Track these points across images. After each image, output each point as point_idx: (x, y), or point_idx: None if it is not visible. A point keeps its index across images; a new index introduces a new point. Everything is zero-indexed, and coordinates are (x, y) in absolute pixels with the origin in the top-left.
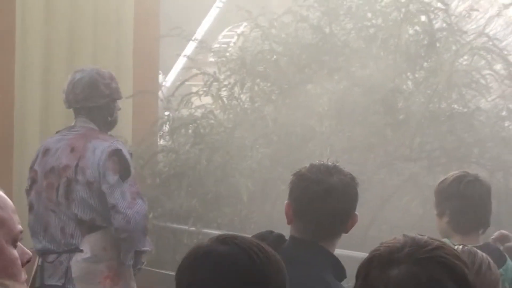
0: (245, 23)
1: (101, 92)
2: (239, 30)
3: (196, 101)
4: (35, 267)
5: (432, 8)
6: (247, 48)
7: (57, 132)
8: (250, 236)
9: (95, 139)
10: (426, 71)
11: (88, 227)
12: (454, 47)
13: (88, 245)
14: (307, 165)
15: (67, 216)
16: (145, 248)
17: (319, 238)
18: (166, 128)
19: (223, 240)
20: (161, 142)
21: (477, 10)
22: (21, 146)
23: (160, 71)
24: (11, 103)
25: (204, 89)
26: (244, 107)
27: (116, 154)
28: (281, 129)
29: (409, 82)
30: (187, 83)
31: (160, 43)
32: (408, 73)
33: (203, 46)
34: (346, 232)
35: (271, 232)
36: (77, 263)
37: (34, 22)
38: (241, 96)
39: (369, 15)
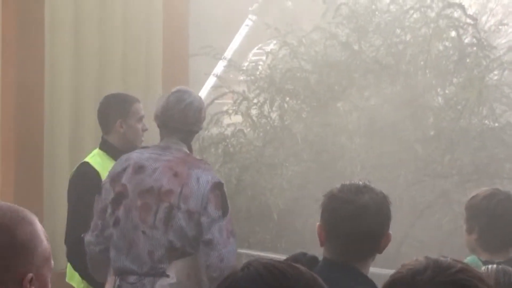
0: (274, 41)
1: (203, 118)
2: (268, 48)
3: (225, 120)
4: (113, 286)
5: (461, 24)
6: (276, 66)
7: (142, 148)
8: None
9: (197, 168)
10: (456, 86)
11: (177, 253)
12: (484, 62)
13: (175, 271)
14: (338, 185)
15: (159, 241)
16: None
17: (352, 259)
18: (196, 146)
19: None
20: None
21: (506, 24)
22: (51, 160)
23: None
24: (41, 123)
25: (234, 107)
26: (274, 125)
27: (219, 187)
28: (311, 147)
29: (439, 98)
30: (216, 101)
31: (189, 62)
32: (438, 89)
33: (233, 65)
34: (380, 252)
35: (305, 254)
36: (161, 287)
37: (63, 44)
38: (271, 114)
39: (398, 31)
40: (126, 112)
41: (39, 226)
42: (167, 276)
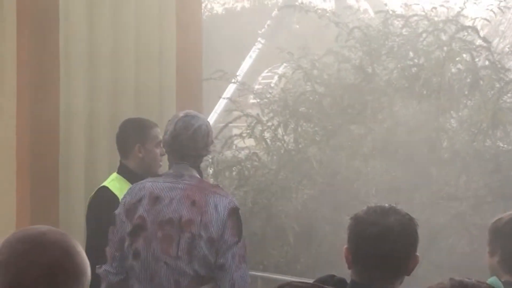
0: (284, 64)
1: (211, 142)
2: (279, 71)
3: (239, 143)
4: None
5: (474, 46)
6: (290, 89)
7: (155, 176)
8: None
9: (213, 194)
10: (470, 109)
11: (203, 280)
12: (497, 85)
13: None
14: (364, 208)
15: (184, 271)
16: None
17: (379, 281)
18: (210, 170)
19: None
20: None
21: None
22: (67, 192)
23: None
24: (56, 146)
25: (248, 131)
26: (288, 149)
27: (235, 213)
28: (325, 170)
29: (453, 121)
30: (230, 124)
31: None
32: (452, 112)
33: (246, 88)
34: (408, 274)
35: (333, 276)
36: None
37: (77, 68)
38: (285, 137)
39: (411, 54)
40: (145, 137)
41: None
42: None
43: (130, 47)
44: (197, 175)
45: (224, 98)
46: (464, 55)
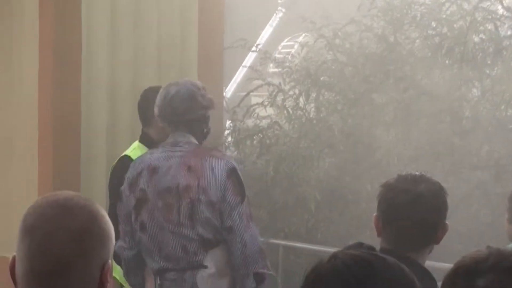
0: (304, 33)
1: (199, 104)
2: (299, 40)
3: (260, 112)
4: (154, 284)
5: (497, 16)
6: (311, 58)
7: (153, 149)
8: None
9: (209, 157)
10: (492, 79)
11: (211, 244)
12: None
13: (212, 261)
14: (395, 176)
15: (189, 236)
16: (262, 271)
17: (409, 249)
18: (231, 139)
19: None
20: (227, 153)
21: None
22: (88, 161)
23: None
24: (78, 119)
25: (269, 99)
26: (310, 117)
27: (234, 173)
28: (347, 139)
29: (475, 90)
30: (252, 94)
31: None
32: (474, 81)
33: (268, 57)
34: (437, 242)
35: (361, 244)
36: (202, 279)
37: (99, 39)
38: (306, 106)
39: (434, 24)
40: None
41: None
42: (205, 267)
43: (152, 18)
44: (195, 141)
45: (244, 67)
46: (487, 25)
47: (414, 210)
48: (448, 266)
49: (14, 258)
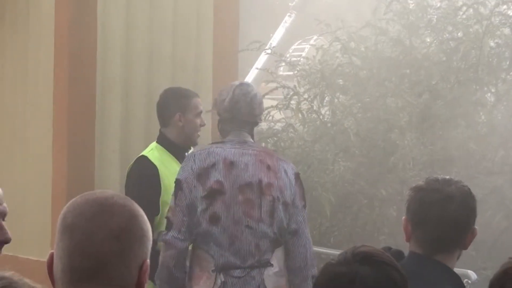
0: (315, 36)
1: (263, 111)
2: (310, 43)
3: (275, 115)
4: (213, 283)
5: None
6: (326, 61)
7: (217, 142)
8: None
9: (280, 160)
10: (508, 83)
11: (279, 243)
12: None
13: (276, 260)
14: (423, 180)
15: (264, 233)
16: (314, 273)
17: (438, 251)
18: None
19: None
20: None
21: None
22: (102, 159)
23: None
24: (93, 117)
25: (284, 102)
26: (324, 121)
27: (299, 178)
28: (362, 143)
29: (491, 95)
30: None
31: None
32: (490, 86)
33: (282, 59)
34: (465, 247)
35: (389, 248)
36: (269, 277)
37: (114, 38)
38: (321, 109)
39: (450, 28)
40: (186, 106)
41: None
42: (272, 265)
43: (168, 18)
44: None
45: (256, 69)
46: (504, 29)
47: (445, 209)
48: (462, 271)
49: (52, 255)
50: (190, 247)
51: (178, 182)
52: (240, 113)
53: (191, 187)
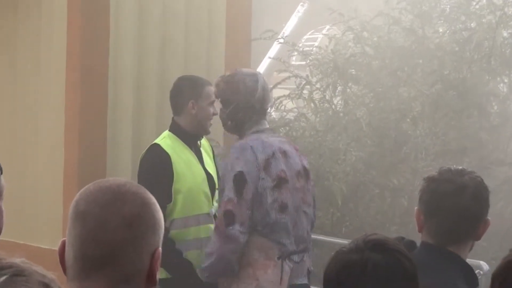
0: (328, 26)
1: None
2: (323, 33)
3: (287, 104)
4: (281, 270)
5: None
6: (339, 51)
7: (256, 132)
8: None
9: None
10: None
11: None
12: None
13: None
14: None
15: (312, 217)
16: None
17: (451, 242)
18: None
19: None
20: None
21: None
22: (114, 148)
23: None
24: (105, 106)
25: (296, 92)
26: (336, 110)
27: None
28: (374, 133)
29: (503, 85)
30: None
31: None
32: (503, 76)
33: (296, 49)
34: (478, 238)
35: (402, 238)
36: (309, 260)
37: (127, 28)
38: (333, 99)
39: (463, 18)
40: (199, 94)
41: None
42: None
43: (180, 8)
44: None
45: (269, 58)
46: None
47: (458, 199)
48: (474, 262)
49: (63, 243)
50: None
51: (241, 175)
52: (267, 102)
53: (258, 179)
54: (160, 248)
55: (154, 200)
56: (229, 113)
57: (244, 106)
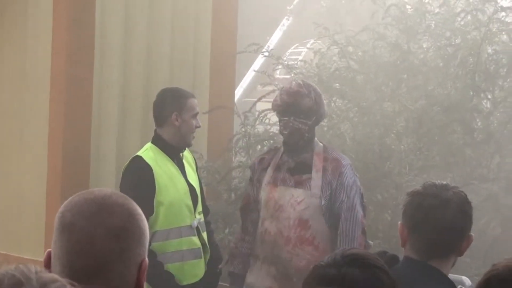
0: (312, 40)
1: None
2: (307, 46)
3: (271, 118)
4: None
5: None
6: (324, 65)
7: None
8: None
9: None
10: (505, 90)
11: None
12: None
13: None
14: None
15: None
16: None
17: (434, 257)
18: (241, 144)
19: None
20: (237, 158)
21: None
22: (98, 158)
23: None
24: (89, 116)
25: None
26: (321, 124)
27: None
28: (358, 147)
29: (487, 102)
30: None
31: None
32: (487, 93)
33: (280, 62)
34: (461, 254)
35: (385, 252)
36: None
37: (112, 38)
38: None
39: (448, 34)
40: (182, 106)
41: None
42: None
43: (166, 19)
44: None
45: (253, 71)
46: (502, 36)
47: (443, 213)
48: (456, 277)
49: (49, 254)
50: None
51: (359, 190)
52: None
53: None
54: (146, 259)
55: (139, 210)
56: (312, 124)
57: (315, 122)
